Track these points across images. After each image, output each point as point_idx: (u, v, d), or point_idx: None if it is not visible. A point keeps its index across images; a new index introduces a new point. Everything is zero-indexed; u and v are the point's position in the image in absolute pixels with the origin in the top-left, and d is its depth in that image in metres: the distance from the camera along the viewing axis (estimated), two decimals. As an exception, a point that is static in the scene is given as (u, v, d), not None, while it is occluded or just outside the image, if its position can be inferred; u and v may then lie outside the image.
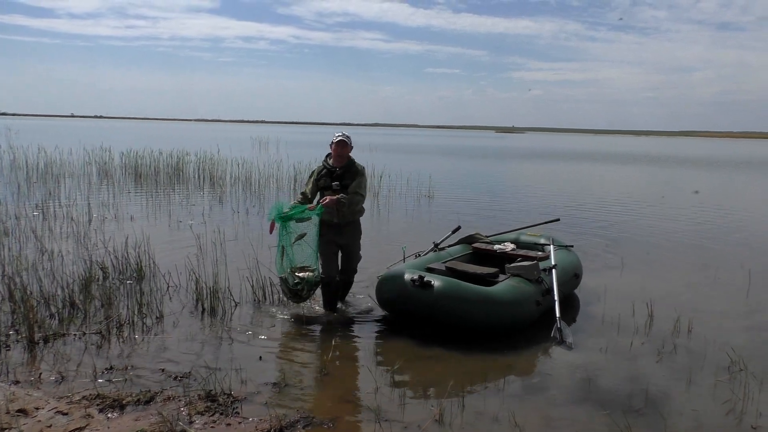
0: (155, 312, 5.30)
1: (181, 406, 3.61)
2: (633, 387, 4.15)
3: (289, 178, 16.57)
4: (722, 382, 4.24)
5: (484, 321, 4.83)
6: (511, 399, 3.93)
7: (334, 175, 5.32)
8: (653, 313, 5.58)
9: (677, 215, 12.69)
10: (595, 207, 13.68)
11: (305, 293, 5.32)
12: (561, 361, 4.61)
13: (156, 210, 11.32)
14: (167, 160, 18.93)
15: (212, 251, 7.53)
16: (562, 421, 3.66)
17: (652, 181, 23.11)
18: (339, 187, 5.28)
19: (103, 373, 4.08)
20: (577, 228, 10.33)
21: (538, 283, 5.32)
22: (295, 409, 3.65)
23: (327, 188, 5.33)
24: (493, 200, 14.71)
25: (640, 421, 3.64)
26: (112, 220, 9.92)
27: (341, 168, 5.35)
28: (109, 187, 14.57)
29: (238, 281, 6.09)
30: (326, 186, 5.34)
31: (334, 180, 5.31)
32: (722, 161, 39.51)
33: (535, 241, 6.65)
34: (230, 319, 5.33)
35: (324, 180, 5.36)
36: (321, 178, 5.38)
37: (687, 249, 9.14)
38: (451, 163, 29.42)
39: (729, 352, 4.64)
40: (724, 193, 18.79)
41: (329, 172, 5.36)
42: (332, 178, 5.32)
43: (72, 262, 6.84)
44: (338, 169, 5.34)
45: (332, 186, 5.29)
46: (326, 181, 5.34)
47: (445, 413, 3.64)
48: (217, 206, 12.08)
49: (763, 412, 3.81)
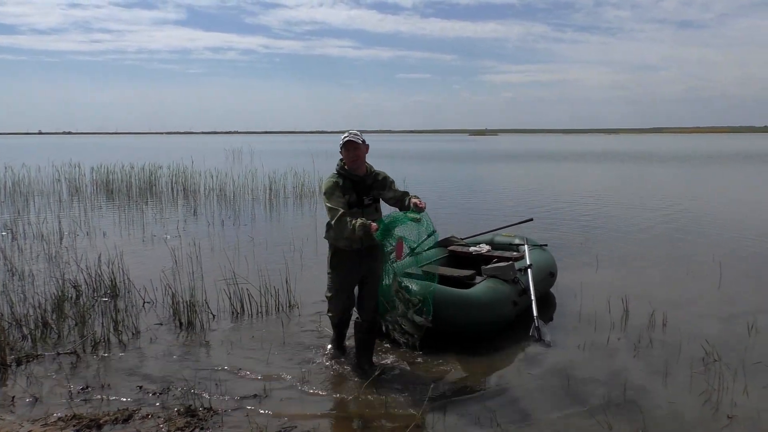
0: (131, 328, 5.22)
1: (160, 423, 3.56)
2: (611, 382, 4.21)
3: (264, 188, 16.47)
4: (698, 374, 4.32)
5: (462, 323, 4.85)
6: (491, 400, 3.95)
7: (360, 187, 4.17)
8: (629, 309, 5.67)
9: (649, 211, 12.90)
10: (568, 206, 13.85)
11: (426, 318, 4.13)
12: (540, 360, 4.65)
13: (129, 225, 11.17)
14: (139, 174, 18.70)
15: (188, 264, 7.44)
16: (542, 419, 3.69)
17: (623, 178, 23.48)
18: (372, 201, 4.20)
19: (78, 393, 4.00)
20: (550, 227, 10.45)
21: (514, 284, 5.37)
22: (277, 419, 3.63)
23: (355, 205, 4.11)
24: (468, 203, 14.80)
25: (619, 416, 3.69)
26: (84, 236, 9.76)
27: (368, 176, 4.22)
28: (80, 203, 14.34)
29: (215, 294, 6.05)
30: (354, 202, 4.11)
31: (363, 192, 4.17)
32: (691, 156, 40.30)
33: (509, 242, 6.70)
34: (208, 332, 5.27)
35: (350, 195, 4.11)
36: (346, 193, 4.10)
37: (659, 244, 9.30)
38: (425, 168, 29.55)
39: (703, 344, 4.73)
40: (693, 187, 19.16)
41: (354, 183, 4.15)
42: (359, 190, 4.16)
43: (44, 281, 6.71)
44: (364, 179, 4.20)
45: (364, 201, 4.15)
46: (352, 196, 4.11)
47: (427, 417, 3.65)
48: (191, 219, 11.95)
49: (738, 401, 3.89)
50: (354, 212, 4.04)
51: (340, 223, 3.94)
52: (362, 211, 4.10)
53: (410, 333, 4.02)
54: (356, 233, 3.86)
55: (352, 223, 3.86)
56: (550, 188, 18.72)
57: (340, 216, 3.95)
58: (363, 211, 4.10)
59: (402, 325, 4.03)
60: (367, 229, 3.83)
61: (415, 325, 4.02)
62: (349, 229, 3.88)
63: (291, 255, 8.14)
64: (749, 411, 3.76)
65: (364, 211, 4.11)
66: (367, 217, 4.04)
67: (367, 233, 3.85)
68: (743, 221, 11.38)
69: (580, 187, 19.24)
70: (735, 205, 14.35)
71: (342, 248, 4.18)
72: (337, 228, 4.00)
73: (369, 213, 4.14)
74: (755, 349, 4.80)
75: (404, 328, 4.04)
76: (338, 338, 4.67)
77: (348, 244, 4.12)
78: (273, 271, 6.85)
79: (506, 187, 19.61)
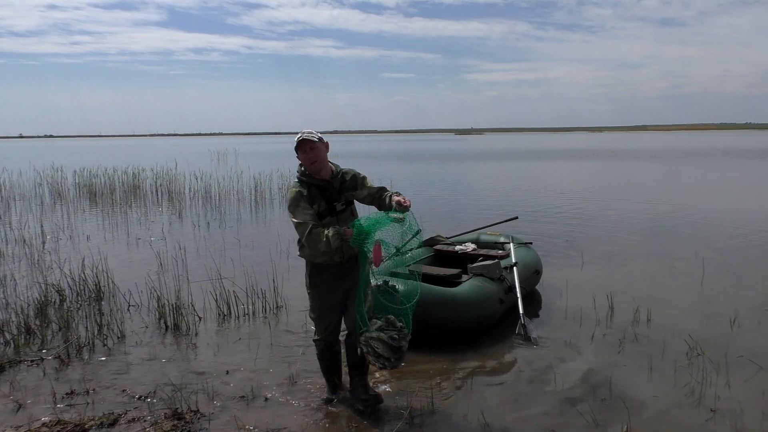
0: (116, 332, 5.18)
1: (147, 426, 3.54)
2: (597, 377, 4.24)
3: (250, 189, 16.41)
4: (681, 368, 4.37)
5: (449, 322, 4.87)
6: (479, 397, 3.97)
7: (328, 193, 3.64)
8: (613, 305, 5.72)
9: (632, 208, 13.03)
10: (553, 204, 13.94)
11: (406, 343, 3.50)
12: (526, 357, 4.68)
13: (113, 228, 11.07)
14: (122, 177, 18.56)
15: (173, 267, 7.40)
16: (529, 415, 3.71)
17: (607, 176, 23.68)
18: (345, 205, 3.69)
19: (63, 398, 3.96)
20: (535, 225, 10.52)
21: (500, 282, 5.40)
22: (264, 421, 3.62)
23: (326, 213, 3.61)
24: (453, 202, 14.86)
25: (605, 411, 3.72)
26: (67, 240, 9.66)
27: (334, 179, 3.68)
28: (62, 207, 14.20)
29: (201, 296, 6.02)
30: (324, 211, 3.61)
31: (333, 198, 3.64)
32: (672, 153, 40.73)
33: (495, 240, 6.74)
34: (195, 334, 5.24)
35: (319, 204, 3.59)
36: (314, 203, 3.59)
37: (643, 240, 9.40)
38: (411, 168, 29.58)
39: (687, 338, 4.79)
40: (675, 184, 19.37)
41: (321, 189, 3.63)
42: (327, 196, 3.63)
43: (26, 286, 6.63)
44: (332, 182, 3.66)
45: (335, 207, 3.64)
46: (321, 204, 3.60)
47: (416, 416, 3.66)
48: (176, 221, 11.88)
49: (721, 395, 3.94)
50: (327, 222, 3.55)
51: (311, 238, 3.44)
52: (336, 219, 3.60)
53: (386, 357, 3.38)
54: (332, 245, 3.38)
55: (325, 235, 3.39)
56: (534, 187, 18.85)
57: (310, 230, 3.44)
58: (337, 219, 3.61)
59: (375, 348, 3.39)
60: (343, 237, 3.35)
61: (392, 348, 3.38)
62: (323, 242, 3.39)
63: (277, 256, 8.12)
64: (732, 404, 3.81)
65: (338, 218, 3.62)
66: (343, 224, 3.53)
67: (344, 241, 3.37)
68: (725, 217, 11.53)
69: (564, 185, 19.38)
70: (717, 201, 14.53)
71: (321, 263, 3.64)
72: (310, 244, 3.48)
73: (345, 219, 3.62)
74: (737, 343, 4.87)
75: (378, 351, 3.39)
76: (329, 372, 3.97)
77: (327, 258, 3.59)
78: (259, 273, 6.83)
79: (491, 186, 19.70)
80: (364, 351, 3.46)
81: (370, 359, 3.46)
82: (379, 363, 3.42)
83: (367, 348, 3.43)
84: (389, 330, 3.41)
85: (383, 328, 3.41)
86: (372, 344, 3.40)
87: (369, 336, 3.41)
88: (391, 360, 3.40)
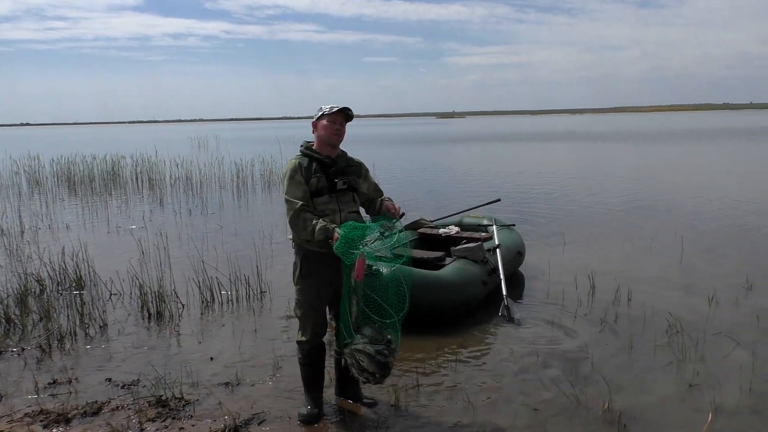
0: (98, 321, 5.13)
1: (131, 414, 3.52)
2: (579, 356, 4.30)
3: (231, 175, 16.28)
4: (661, 346, 4.44)
5: (433, 304, 4.88)
6: (463, 378, 4.01)
7: (331, 170, 3.36)
8: (595, 285, 5.79)
9: (613, 188, 13.15)
10: (535, 185, 14.02)
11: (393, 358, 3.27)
12: (509, 337, 4.73)
13: (93, 217, 10.94)
14: (102, 165, 18.31)
15: (155, 255, 7.34)
16: (513, 395, 3.76)
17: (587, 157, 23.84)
18: (345, 186, 3.39)
19: (45, 387, 3.93)
20: (518, 207, 10.58)
21: (483, 264, 5.43)
22: (250, 406, 3.62)
23: (325, 191, 3.31)
24: (436, 185, 14.89)
25: (587, 389, 3.77)
26: (46, 230, 9.53)
27: (340, 158, 3.43)
28: (41, 196, 13.98)
29: (184, 283, 5.98)
30: (324, 188, 3.31)
31: (334, 176, 3.35)
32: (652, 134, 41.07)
33: (478, 223, 6.77)
34: (178, 322, 5.22)
35: (318, 179, 3.31)
36: (312, 176, 3.30)
37: (624, 220, 9.51)
38: (394, 151, 29.53)
39: (666, 316, 4.87)
40: (654, 165, 19.56)
41: (323, 165, 3.35)
42: (329, 174, 3.35)
43: (5, 276, 6.53)
44: (336, 161, 3.39)
45: (336, 186, 3.34)
46: (321, 179, 3.31)
47: (401, 397, 3.68)
48: (158, 209, 11.77)
49: (700, 371, 4.02)
50: (324, 201, 3.29)
51: (297, 221, 3.19)
52: (336, 199, 3.32)
53: (371, 372, 3.16)
54: (316, 237, 3.13)
55: (313, 225, 3.15)
56: (516, 169, 18.93)
57: (299, 212, 3.19)
58: (337, 199, 3.33)
59: (360, 361, 3.17)
60: (330, 236, 3.10)
61: (378, 363, 3.14)
62: (308, 230, 3.15)
63: (261, 242, 8.08)
64: (710, 379, 3.88)
65: (338, 198, 3.33)
66: (344, 207, 3.33)
67: (327, 240, 3.11)
68: (703, 197, 11.68)
69: (546, 167, 19.48)
70: (695, 181, 14.70)
71: (317, 251, 3.26)
72: (294, 226, 3.23)
73: (344, 202, 3.35)
74: (715, 320, 4.96)
75: (362, 365, 3.16)
76: (313, 381, 3.59)
77: (321, 247, 3.20)
78: (243, 259, 6.80)
79: (473, 168, 19.74)
80: (349, 363, 3.25)
81: (354, 372, 3.23)
82: (362, 377, 3.21)
83: (351, 360, 3.22)
84: (377, 344, 3.17)
85: (373, 341, 3.18)
86: (357, 357, 3.18)
87: (355, 348, 3.19)
88: (375, 375, 3.17)
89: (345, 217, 3.32)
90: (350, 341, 3.23)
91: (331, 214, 3.29)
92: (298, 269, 3.38)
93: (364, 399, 3.68)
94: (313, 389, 3.57)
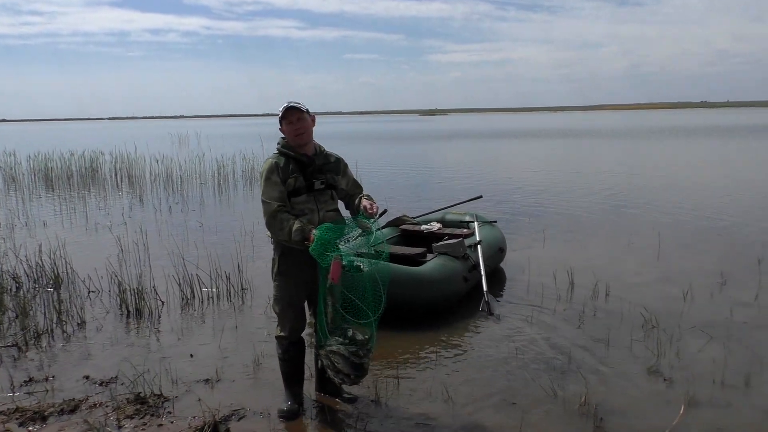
0: (76, 318, 5.08)
1: (109, 411, 3.49)
2: (557, 351, 4.35)
3: (212, 172, 16.17)
4: (637, 341, 4.51)
5: (415, 300, 4.91)
6: (443, 374, 4.04)
7: (309, 169, 3.33)
8: (574, 281, 5.86)
9: (592, 186, 13.28)
10: (517, 182, 14.12)
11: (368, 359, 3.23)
12: (489, 333, 4.77)
13: (71, 214, 10.80)
14: (80, 162, 18.07)
15: (134, 252, 7.27)
16: (492, 389, 3.79)
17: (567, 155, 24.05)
18: (324, 186, 3.37)
19: (21, 385, 3.88)
20: (499, 204, 10.66)
21: (464, 260, 5.47)
22: (229, 403, 3.61)
23: (303, 190, 3.29)
24: (419, 182, 14.92)
25: (564, 383, 3.83)
26: (22, 227, 9.39)
27: (317, 156, 3.40)
28: (17, 193, 13.77)
29: (163, 280, 5.94)
30: (301, 188, 3.28)
31: (313, 176, 3.32)
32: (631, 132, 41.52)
33: (460, 219, 6.81)
34: (158, 319, 5.18)
35: (295, 179, 3.28)
36: (289, 176, 3.27)
37: (603, 218, 9.62)
38: (377, 149, 29.53)
39: (642, 311, 4.94)
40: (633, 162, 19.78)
41: (300, 164, 3.31)
42: (307, 173, 3.31)
43: (-20, 274, 6.43)
44: (314, 159, 3.36)
45: (314, 185, 3.32)
46: (299, 179, 3.28)
47: (381, 393, 3.69)
48: (137, 206, 11.65)
49: (675, 365, 4.09)
50: (302, 201, 3.27)
51: (274, 222, 3.19)
52: (314, 198, 3.30)
53: (345, 373, 3.13)
54: (293, 238, 3.12)
55: (289, 225, 3.14)
56: (497, 166, 19.06)
57: (275, 212, 3.17)
58: (315, 198, 3.31)
59: (335, 362, 3.14)
60: (306, 237, 3.09)
61: (353, 364, 3.11)
62: (285, 231, 3.14)
63: (242, 239, 8.04)
64: (685, 373, 3.95)
65: (316, 197, 3.31)
66: (322, 206, 3.32)
67: (304, 241, 3.10)
68: (681, 194, 11.85)
69: (527, 164, 19.63)
70: (673, 178, 14.90)
71: (296, 247, 3.21)
72: (271, 226, 3.23)
73: (323, 201, 3.34)
74: (690, 314, 5.04)
75: (337, 366, 3.14)
76: (292, 376, 3.60)
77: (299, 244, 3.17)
78: (223, 255, 6.77)
79: (455, 165, 19.81)
80: (325, 364, 3.23)
81: (330, 373, 3.22)
82: (338, 378, 3.19)
83: (327, 362, 3.20)
84: (351, 345, 3.14)
85: (350, 340, 3.15)
86: (332, 358, 3.15)
87: (330, 350, 3.17)
88: (350, 376, 3.14)
89: (323, 216, 3.31)
90: (325, 342, 3.21)
91: (309, 214, 3.28)
92: (276, 265, 3.38)
93: (344, 394, 3.69)
94: (292, 385, 3.59)
